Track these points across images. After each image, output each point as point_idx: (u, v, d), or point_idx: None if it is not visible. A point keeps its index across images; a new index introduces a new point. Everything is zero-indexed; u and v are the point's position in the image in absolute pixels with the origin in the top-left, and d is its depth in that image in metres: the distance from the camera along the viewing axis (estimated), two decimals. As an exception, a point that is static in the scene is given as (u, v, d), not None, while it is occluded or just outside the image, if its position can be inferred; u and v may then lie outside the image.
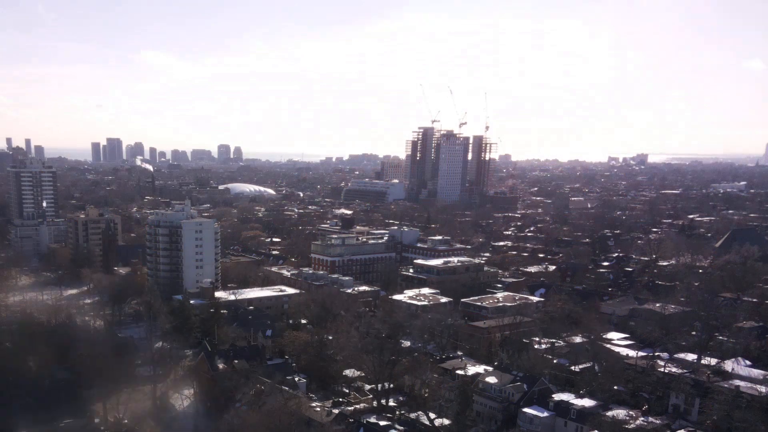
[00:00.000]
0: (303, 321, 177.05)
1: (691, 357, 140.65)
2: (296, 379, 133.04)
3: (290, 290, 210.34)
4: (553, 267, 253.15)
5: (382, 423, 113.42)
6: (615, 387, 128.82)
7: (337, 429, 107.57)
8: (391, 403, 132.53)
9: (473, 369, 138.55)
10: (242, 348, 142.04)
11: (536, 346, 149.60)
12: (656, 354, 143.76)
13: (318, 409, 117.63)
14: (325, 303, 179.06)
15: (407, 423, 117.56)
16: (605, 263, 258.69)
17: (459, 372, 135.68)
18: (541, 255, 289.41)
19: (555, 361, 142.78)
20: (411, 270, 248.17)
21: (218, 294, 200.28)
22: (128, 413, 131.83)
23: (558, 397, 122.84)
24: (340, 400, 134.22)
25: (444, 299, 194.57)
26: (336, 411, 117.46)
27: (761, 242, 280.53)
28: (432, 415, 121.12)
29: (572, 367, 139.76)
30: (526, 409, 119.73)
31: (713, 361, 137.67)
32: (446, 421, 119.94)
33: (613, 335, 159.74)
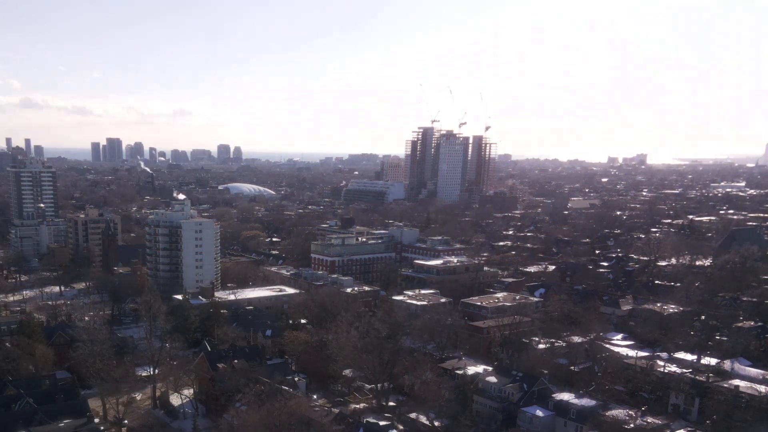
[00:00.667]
0: (303, 321, 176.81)
1: (690, 357, 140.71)
2: (296, 379, 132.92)
3: (290, 290, 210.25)
4: (553, 267, 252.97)
5: (382, 423, 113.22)
6: (615, 387, 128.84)
7: (337, 429, 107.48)
8: (391, 403, 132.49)
9: (473, 369, 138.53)
10: (242, 348, 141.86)
11: (536, 346, 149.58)
12: (656, 354, 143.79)
13: (318, 409, 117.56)
14: (324, 303, 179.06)
15: (407, 423, 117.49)
16: (605, 263, 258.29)
17: (459, 372, 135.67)
18: (540, 255, 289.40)
19: (555, 361, 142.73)
20: (411, 270, 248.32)
21: (218, 294, 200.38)
22: (128, 413, 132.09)
23: (558, 397, 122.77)
24: (340, 400, 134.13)
25: (444, 299, 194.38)
26: (336, 411, 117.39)
27: (761, 242, 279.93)
28: (432, 415, 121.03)
29: (572, 367, 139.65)
30: (525, 409, 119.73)
31: (713, 361, 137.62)
32: (446, 421, 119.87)
33: (613, 335, 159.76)
